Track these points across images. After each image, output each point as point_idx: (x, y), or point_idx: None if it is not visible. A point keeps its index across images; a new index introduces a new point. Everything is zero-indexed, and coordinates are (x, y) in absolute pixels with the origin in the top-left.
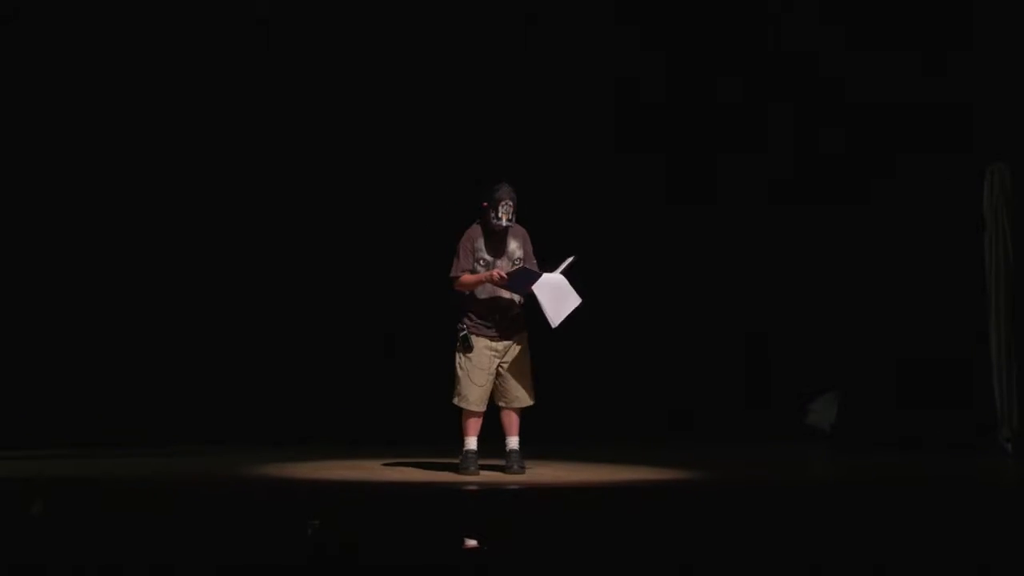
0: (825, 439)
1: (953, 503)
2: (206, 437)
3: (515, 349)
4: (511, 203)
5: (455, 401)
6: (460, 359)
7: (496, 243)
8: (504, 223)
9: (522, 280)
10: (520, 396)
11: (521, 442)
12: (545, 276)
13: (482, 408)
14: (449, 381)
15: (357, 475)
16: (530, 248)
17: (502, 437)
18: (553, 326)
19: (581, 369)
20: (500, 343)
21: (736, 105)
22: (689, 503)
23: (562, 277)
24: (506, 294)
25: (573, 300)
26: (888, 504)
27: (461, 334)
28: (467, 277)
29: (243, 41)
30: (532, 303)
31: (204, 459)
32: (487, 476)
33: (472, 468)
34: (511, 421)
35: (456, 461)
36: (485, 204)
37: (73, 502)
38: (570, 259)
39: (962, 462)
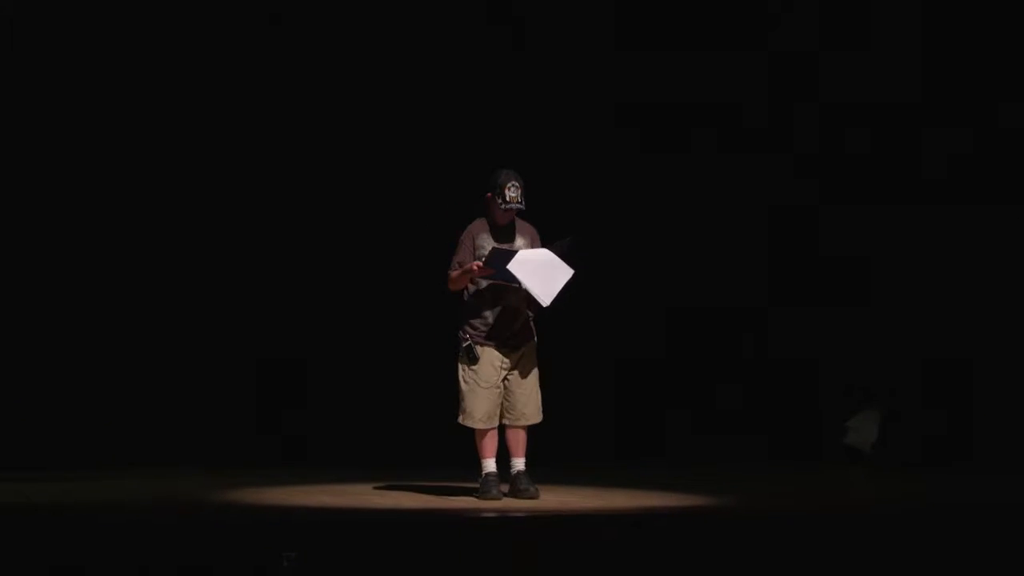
0: (865, 460)
1: (1011, 531)
2: (170, 458)
3: (523, 360)
4: (518, 184)
5: (460, 420)
6: (464, 372)
7: (501, 238)
8: (515, 206)
9: (499, 263)
10: (528, 413)
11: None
12: (522, 253)
13: (492, 424)
14: (452, 398)
15: (342, 501)
16: (540, 246)
17: (505, 458)
18: (544, 304)
19: (585, 383)
20: (507, 353)
21: None
22: (718, 532)
23: (545, 251)
24: (512, 298)
25: (563, 273)
26: (937, 532)
27: (464, 344)
28: (455, 272)
29: (243, 40)
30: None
31: (167, 483)
32: (504, 503)
33: (494, 492)
34: (518, 440)
35: (475, 486)
36: (489, 195)
37: (42, 529)
38: (568, 239)
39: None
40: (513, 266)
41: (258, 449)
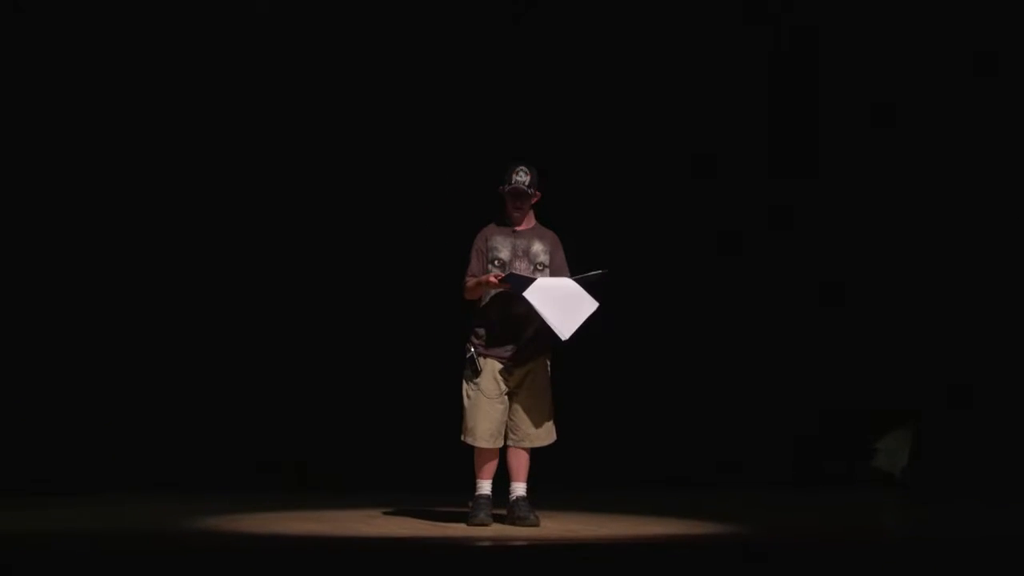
0: (897, 485)
1: None
2: (150, 481)
3: (532, 376)
4: (527, 171)
5: (462, 437)
6: (467, 386)
7: (515, 240)
8: (520, 187)
9: (516, 287)
10: (533, 434)
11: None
12: (542, 281)
13: (495, 444)
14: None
15: (328, 528)
16: (562, 256)
17: (505, 481)
18: (563, 338)
19: (595, 403)
20: (513, 367)
21: None
22: (738, 563)
23: (569, 280)
24: (522, 306)
25: (587, 306)
26: (972, 564)
27: (467, 355)
28: (471, 282)
29: (243, 39)
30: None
31: (147, 508)
32: (499, 529)
33: (481, 516)
34: (519, 463)
35: (467, 509)
36: (502, 187)
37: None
38: (598, 272)
39: None
40: (531, 294)
41: (238, 473)
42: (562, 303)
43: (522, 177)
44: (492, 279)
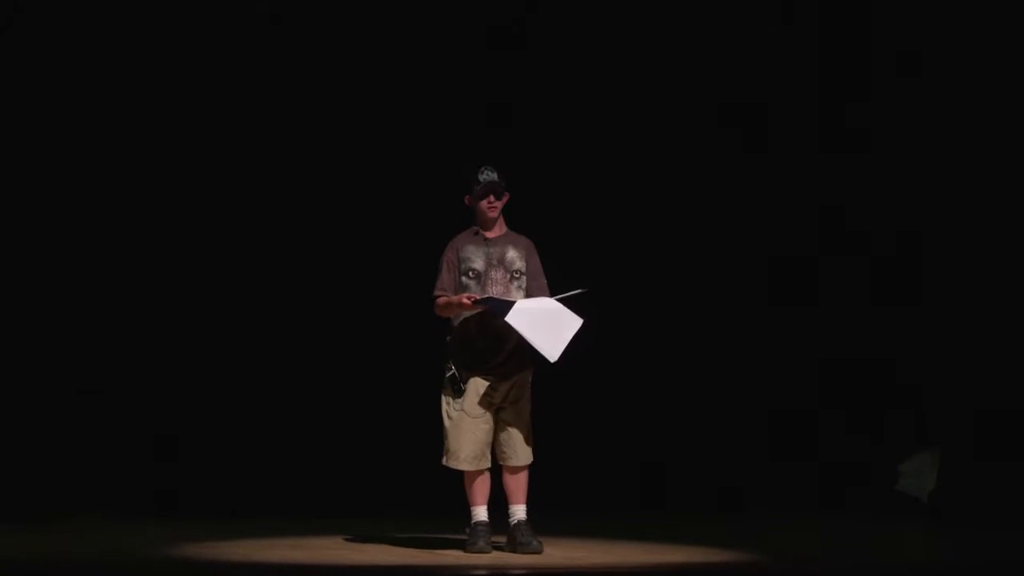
0: (923, 511)
1: None
2: (115, 508)
3: (517, 391)
4: (493, 169)
5: (444, 461)
6: (447, 406)
7: (488, 249)
8: (492, 179)
9: (495, 311)
10: (521, 451)
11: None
12: (521, 303)
13: (482, 466)
14: (436, 436)
15: (309, 556)
16: (537, 262)
17: (503, 505)
18: (552, 360)
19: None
20: (497, 383)
21: None
22: None
23: (549, 300)
24: (503, 321)
25: (571, 323)
26: None
27: (448, 374)
28: (443, 300)
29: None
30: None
31: (112, 536)
32: (498, 557)
33: (480, 544)
34: (517, 484)
35: (463, 537)
36: (468, 197)
37: None
38: (577, 291)
39: None
40: (513, 318)
41: (209, 497)
42: (546, 324)
43: (490, 175)
44: (467, 302)
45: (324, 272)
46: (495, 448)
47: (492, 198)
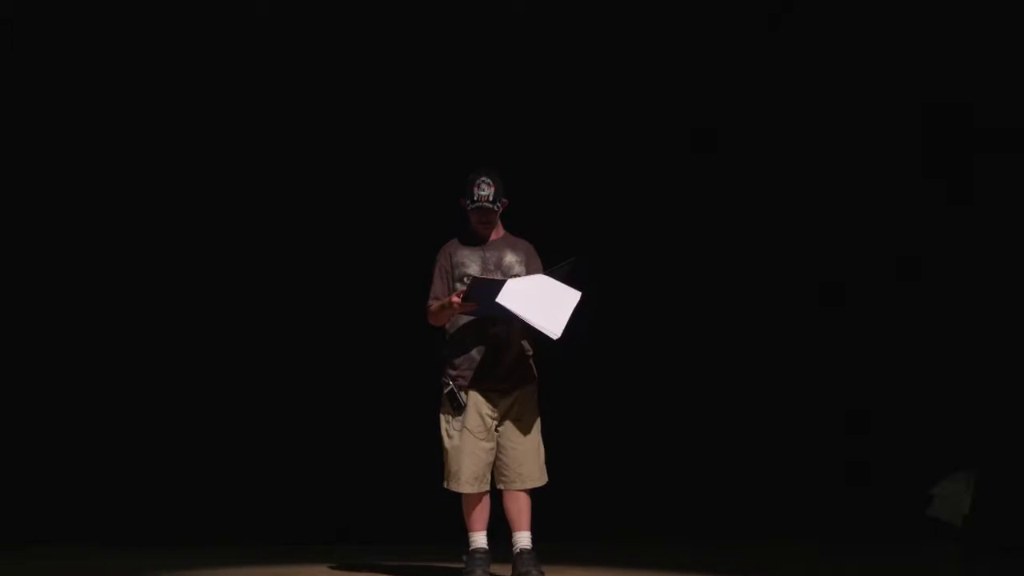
0: (955, 537)
1: None
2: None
3: (519, 407)
4: (489, 182)
5: (445, 484)
6: (446, 424)
7: (484, 253)
8: (485, 205)
9: (484, 296)
10: (526, 473)
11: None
12: (512, 282)
13: (482, 488)
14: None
15: None
16: (539, 265)
17: (506, 532)
18: (555, 337)
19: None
20: (498, 399)
21: None
22: None
23: (541, 276)
24: (500, 327)
25: (569, 297)
26: None
27: (446, 390)
28: (434, 306)
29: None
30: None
31: (93, 564)
32: None
33: (478, 573)
34: (519, 509)
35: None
36: (463, 199)
37: None
38: (568, 261)
39: None
40: (504, 298)
41: (193, 523)
42: (542, 300)
43: (485, 191)
44: (455, 300)
45: (311, 281)
46: (495, 470)
47: (484, 219)
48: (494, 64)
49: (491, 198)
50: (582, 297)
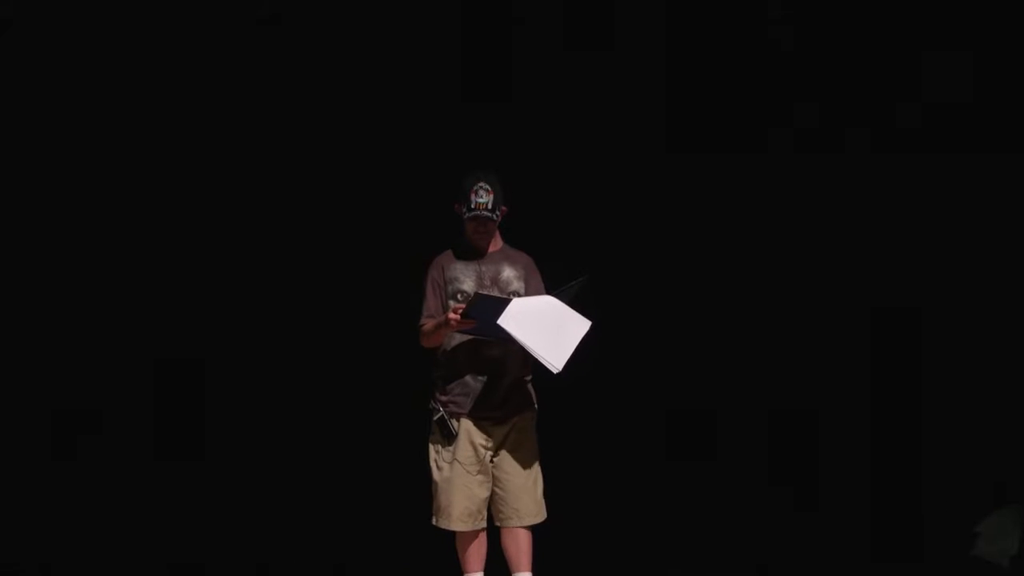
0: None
1: None
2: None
3: (515, 436)
4: (488, 188)
5: (434, 521)
6: (436, 455)
7: (480, 267)
8: (482, 213)
9: (486, 315)
10: (522, 509)
11: None
12: (517, 303)
13: (476, 525)
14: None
15: None
16: (539, 281)
17: (505, 572)
18: (555, 370)
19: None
20: (492, 427)
21: None
22: None
23: (549, 298)
24: (496, 348)
25: (577, 327)
26: None
27: (435, 417)
28: (428, 325)
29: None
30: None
31: None
32: None
33: None
34: (518, 547)
35: None
36: (457, 204)
37: None
38: (578, 280)
39: None
40: (506, 320)
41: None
42: (547, 327)
43: (483, 198)
44: (452, 318)
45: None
46: (492, 505)
47: (482, 229)
48: (494, 65)
49: (489, 206)
50: (591, 327)
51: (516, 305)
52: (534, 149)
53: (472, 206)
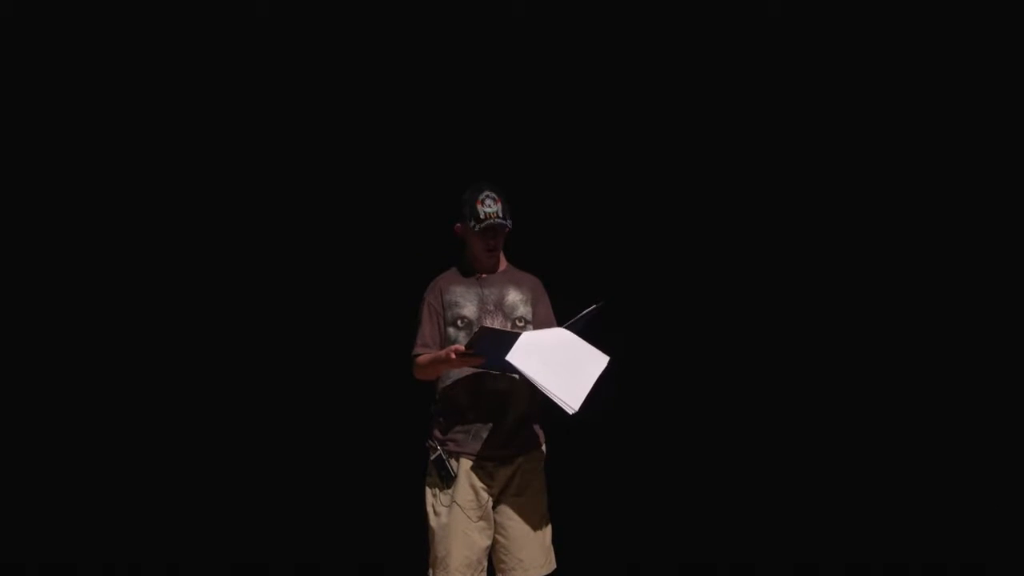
0: None
1: None
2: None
3: (520, 478)
4: (495, 197)
5: (431, 572)
6: (432, 499)
7: (482, 290)
8: (497, 221)
9: (493, 350)
10: (527, 559)
11: None
12: (528, 336)
13: None
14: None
15: None
16: (547, 306)
17: None
18: (571, 411)
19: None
20: (496, 468)
21: None
22: None
23: (562, 331)
24: (501, 381)
25: (594, 363)
26: None
27: (432, 456)
28: (423, 358)
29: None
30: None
31: None
32: None
33: None
34: None
35: None
36: (459, 225)
37: None
38: (591, 308)
39: None
40: (516, 356)
41: None
42: (561, 363)
43: (492, 207)
44: (454, 356)
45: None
46: (494, 555)
47: (493, 242)
48: (494, 68)
49: (500, 213)
50: (609, 363)
51: (526, 339)
52: (539, 161)
53: (482, 216)
